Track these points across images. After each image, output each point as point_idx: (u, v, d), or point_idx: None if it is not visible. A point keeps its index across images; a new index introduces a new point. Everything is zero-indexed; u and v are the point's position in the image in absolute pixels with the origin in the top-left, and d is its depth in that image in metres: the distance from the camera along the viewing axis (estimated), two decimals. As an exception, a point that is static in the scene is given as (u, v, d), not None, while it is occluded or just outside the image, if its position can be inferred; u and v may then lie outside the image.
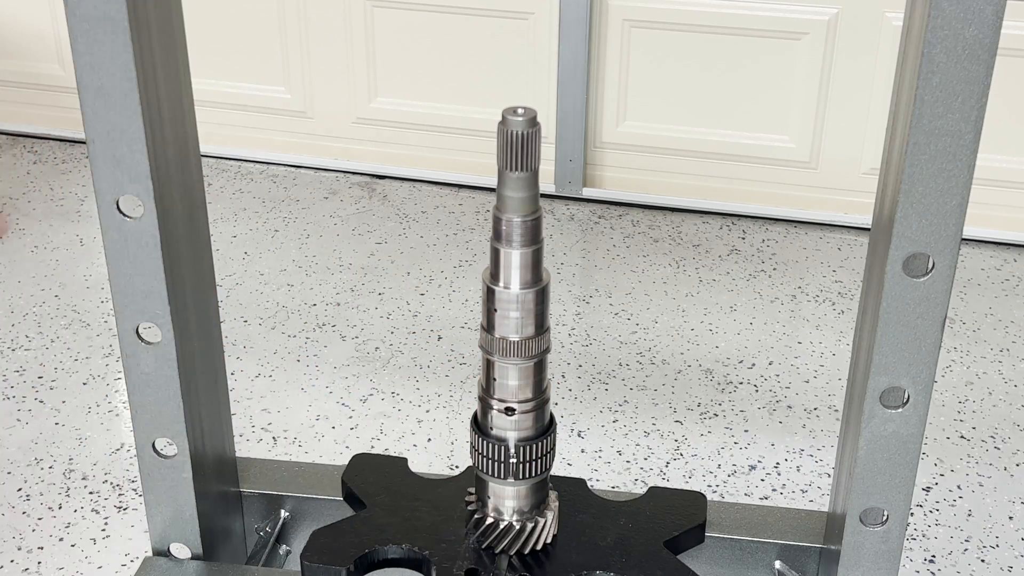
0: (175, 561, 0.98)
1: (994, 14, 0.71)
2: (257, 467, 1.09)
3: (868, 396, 0.86)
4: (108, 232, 0.84)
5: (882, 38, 3.11)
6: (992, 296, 3.02)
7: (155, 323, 0.87)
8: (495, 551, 0.91)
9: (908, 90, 0.77)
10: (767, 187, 3.37)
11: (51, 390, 2.55)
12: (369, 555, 0.91)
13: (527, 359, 0.85)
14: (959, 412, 2.54)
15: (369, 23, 3.46)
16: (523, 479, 0.89)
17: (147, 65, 0.79)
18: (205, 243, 0.93)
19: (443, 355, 2.72)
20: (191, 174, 0.88)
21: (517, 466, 0.88)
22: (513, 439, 0.88)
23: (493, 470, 0.89)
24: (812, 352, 2.76)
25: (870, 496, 0.90)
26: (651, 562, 0.91)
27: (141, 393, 0.91)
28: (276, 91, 3.61)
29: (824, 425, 2.49)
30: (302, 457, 2.37)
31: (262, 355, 2.70)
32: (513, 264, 0.82)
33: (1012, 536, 2.19)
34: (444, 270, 3.11)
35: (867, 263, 0.91)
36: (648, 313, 2.90)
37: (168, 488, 0.94)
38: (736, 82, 3.27)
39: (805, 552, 1.01)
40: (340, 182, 3.62)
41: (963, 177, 0.77)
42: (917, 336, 0.83)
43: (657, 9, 3.25)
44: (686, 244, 3.27)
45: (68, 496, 2.26)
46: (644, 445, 2.40)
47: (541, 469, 0.90)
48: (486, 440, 0.88)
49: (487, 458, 0.89)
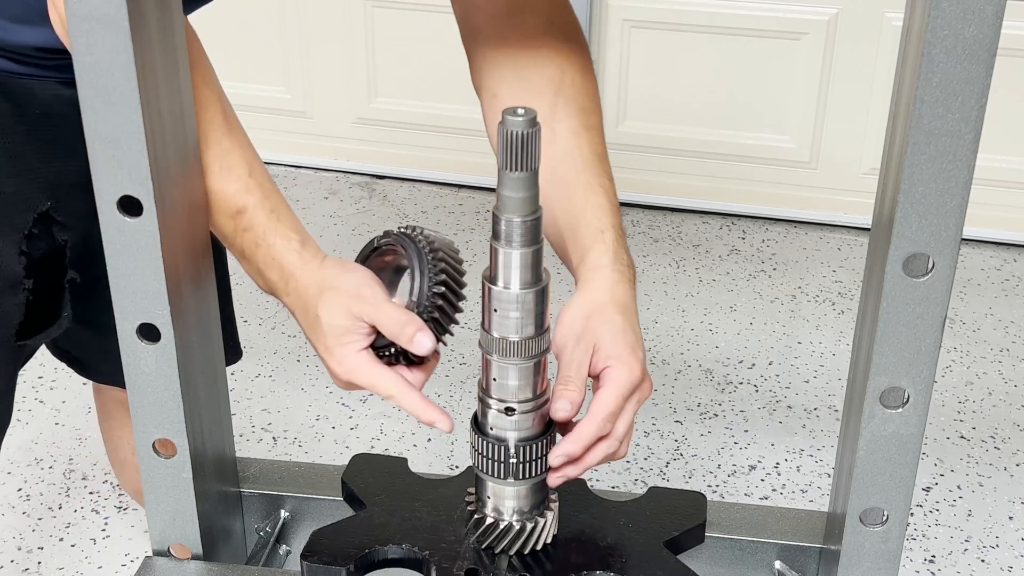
0: (175, 561, 0.98)
1: (994, 14, 0.71)
2: (257, 467, 1.09)
3: (868, 396, 0.86)
4: (108, 232, 0.84)
5: (882, 38, 3.11)
6: (992, 296, 3.02)
7: (155, 323, 0.87)
8: (495, 551, 0.91)
9: (908, 90, 0.77)
10: (767, 187, 3.37)
11: (51, 390, 2.55)
12: (369, 555, 0.91)
13: (527, 359, 0.85)
14: (959, 412, 2.54)
15: (369, 23, 3.46)
16: (523, 479, 0.89)
17: (147, 65, 0.79)
18: (205, 243, 0.93)
19: (443, 355, 2.72)
20: (191, 174, 0.88)
21: (517, 466, 0.88)
22: (513, 439, 0.88)
23: (493, 470, 0.89)
24: (812, 352, 2.76)
25: (870, 496, 0.90)
26: (651, 562, 0.91)
27: (141, 393, 0.91)
28: (276, 91, 3.60)
29: (824, 425, 2.49)
30: (302, 457, 2.37)
31: (262, 355, 2.70)
32: (513, 264, 0.82)
33: (1012, 536, 2.19)
34: (444, 270, 3.10)
35: (867, 263, 0.91)
36: (648, 313, 2.90)
37: (168, 488, 0.94)
38: (736, 82, 3.27)
39: (805, 552, 1.01)
40: (340, 182, 3.62)
41: (963, 177, 0.77)
42: (917, 336, 0.83)
43: (657, 9, 3.25)
44: (686, 244, 3.27)
45: (68, 496, 2.26)
46: (644, 445, 2.40)
47: (541, 469, 0.90)
48: (486, 440, 0.88)
49: (487, 458, 0.89)
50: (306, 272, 0.91)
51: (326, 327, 0.89)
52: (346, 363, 0.89)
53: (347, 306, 0.89)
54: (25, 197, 1.12)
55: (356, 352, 0.89)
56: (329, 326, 0.89)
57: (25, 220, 1.12)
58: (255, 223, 0.91)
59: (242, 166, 0.91)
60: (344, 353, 0.89)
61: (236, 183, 0.91)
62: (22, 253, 1.12)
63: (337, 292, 0.89)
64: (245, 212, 0.91)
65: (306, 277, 0.91)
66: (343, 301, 0.89)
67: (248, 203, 0.91)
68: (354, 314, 0.88)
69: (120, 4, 0.75)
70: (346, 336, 0.89)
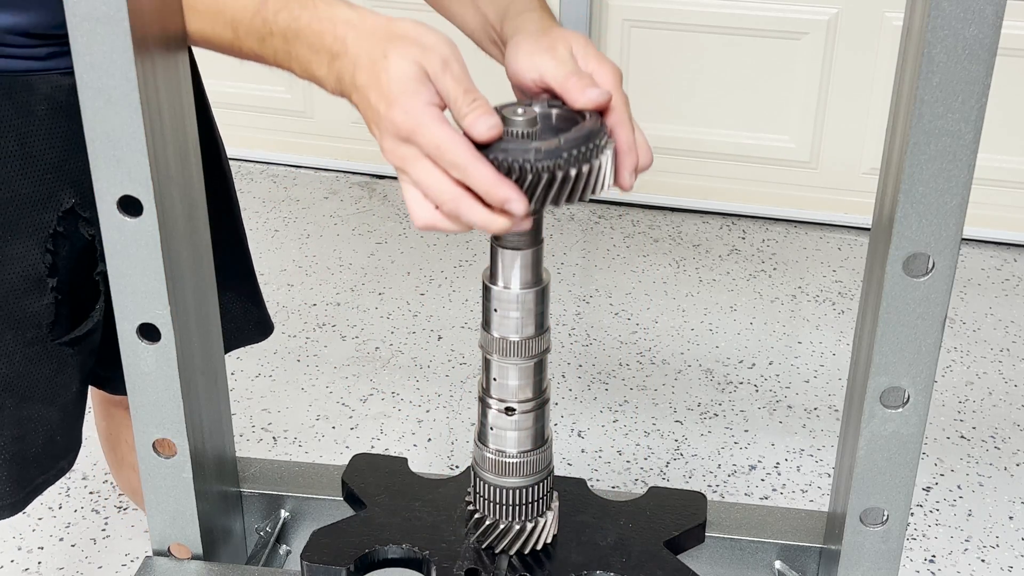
0: (175, 561, 0.98)
1: (994, 14, 0.71)
2: (257, 467, 1.09)
3: (868, 396, 0.86)
4: (108, 232, 0.84)
5: (882, 38, 3.11)
6: (992, 296, 3.02)
7: (155, 323, 0.87)
8: (495, 551, 0.91)
9: (908, 90, 0.77)
10: (767, 187, 3.37)
11: (51, 390, 2.55)
12: (369, 555, 0.91)
13: (527, 359, 0.85)
14: (959, 412, 2.54)
15: (369, 23, 3.46)
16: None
17: (147, 65, 0.79)
18: (205, 243, 0.93)
19: (443, 355, 2.72)
20: (191, 174, 0.88)
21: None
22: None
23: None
24: (812, 352, 2.76)
25: (870, 496, 0.90)
26: (651, 562, 0.91)
27: (141, 393, 0.91)
28: (276, 91, 3.61)
29: (824, 425, 2.49)
30: (302, 457, 2.37)
31: (262, 355, 2.70)
32: (513, 264, 0.82)
33: (1012, 536, 2.19)
34: (444, 270, 3.11)
35: (867, 263, 0.91)
36: (648, 313, 2.90)
37: (168, 488, 0.95)
38: (736, 82, 3.27)
39: (805, 552, 1.01)
40: (340, 182, 3.62)
41: (963, 177, 0.77)
42: (917, 336, 0.83)
43: (657, 9, 3.25)
44: (686, 244, 3.27)
45: (68, 496, 2.26)
46: (644, 445, 2.40)
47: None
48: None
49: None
50: (370, 22, 0.79)
51: (395, 70, 0.76)
52: (414, 113, 0.75)
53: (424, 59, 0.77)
54: (46, 196, 1.11)
55: (426, 104, 0.75)
56: (400, 69, 0.76)
57: (48, 219, 1.11)
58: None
59: None
60: (412, 102, 0.75)
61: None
62: (48, 251, 1.12)
63: (419, 45, 0.77)
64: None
65: (371, 25, 0.79)
66: (423, 54, 0.77)
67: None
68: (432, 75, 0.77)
69: (120, 4, 0.75)
70: (418, 84, 0.76)
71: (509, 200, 0.73)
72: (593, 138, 0.76)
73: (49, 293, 1.13)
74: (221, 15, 0.84)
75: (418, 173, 0.75)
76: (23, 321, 1.13)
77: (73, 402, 1.22)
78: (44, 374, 1.17)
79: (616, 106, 0.81)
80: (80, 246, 1.15)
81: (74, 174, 1.12)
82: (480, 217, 0.74)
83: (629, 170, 0.81)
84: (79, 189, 1.13)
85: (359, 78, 0.78)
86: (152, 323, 0.87)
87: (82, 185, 1.12)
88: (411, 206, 0.77)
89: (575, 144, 0.74)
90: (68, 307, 1.16)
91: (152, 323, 0.87)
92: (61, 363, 1.18)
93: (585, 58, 0.85)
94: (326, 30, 0.80)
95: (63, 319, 1.16)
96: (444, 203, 0.75)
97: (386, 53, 0.77)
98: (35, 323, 1.13)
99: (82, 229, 1.15)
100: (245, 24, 0.83)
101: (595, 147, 0.76)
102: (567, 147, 0.74)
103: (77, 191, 1.13)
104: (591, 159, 0.75)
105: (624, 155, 0.81)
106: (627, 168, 0.81)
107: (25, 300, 1.12)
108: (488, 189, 0.73)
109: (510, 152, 0.73)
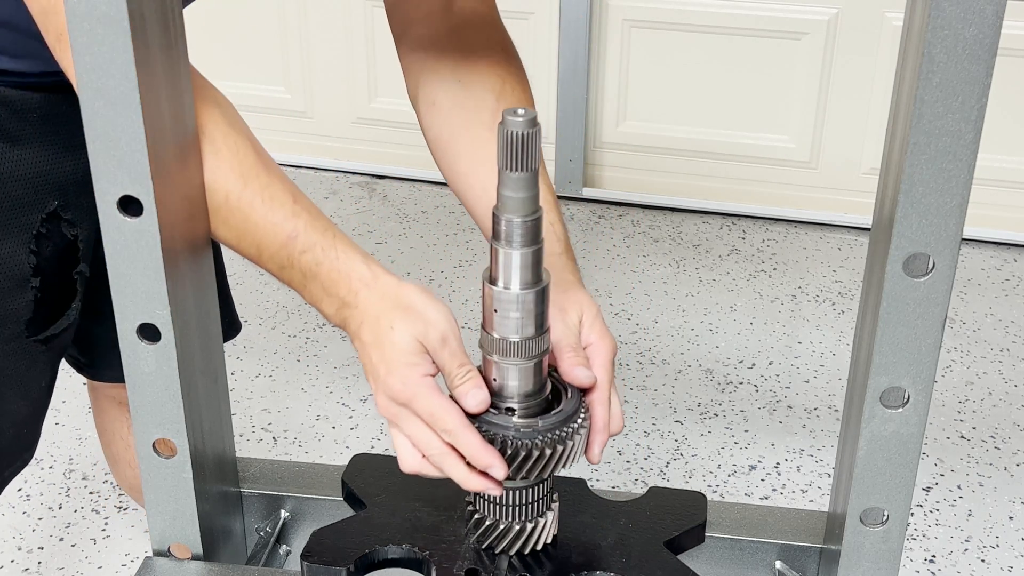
0: (175, 561, 0.98)
1: (994, 14, 0.71)
2: (257, 467, 1.09)
3: (868, 396, 0.86)
4: (108, 232, 0.84)
5: (882, 38, 3.11)
6: (992, 296, 3.02)
7: (155, 323, 0.87)
8: (495, 551, 0.91)
9: (908, 90, 0.77)
10: (767, 187, 3.37)
11: (51, 390, 2.55)
12: (369, 555, 0.91)
13: (527, 359, 0.85)
14: (959, 412, 2.54)
15: (369, 23, 3.46)
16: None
17: (147, 65, 0.79)
18: (205, 243, 0.93)
19: (443, 355, 2.72)
20: (191, 174, 0.88)
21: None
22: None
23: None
24: (812, 352, 2.76)
25: (870, 496, 0.90)
26: (651, 562, 0.91)
27: (141, 393, 0.91)
28: (276, 91, 3.61)
29: (824, 425, 2.49)
30: (302, 457, 2.37)
31: (262, 355, 2.70)
32: (513, 264, 0.82)
33: (1012, 536, 2.19)
34: (444, 270, 3.11)
35: (867, 263, 0.91)
36: (648, 313, 2.90)
37: (168, 488, 0.94)
38: (736, 82, 3.27)
39: (805, 552, 1.01)
40: (340, 182, 3.62)
41: (963, 177, 0.77)
42: (917, 336, 0.83)
43: (657, 9, 3.25)
44: (686, 244, 3.27)
45: (68, 496, 2.26)
46: (644, 445, 2.40)
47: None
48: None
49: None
50: (382, 283, 0.88)
51: (398, 342, 0.85)
52: (410, 384, 0.84)
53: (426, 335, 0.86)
54: (34, 199, 1.14)
55: (422, 376, 0.85)
56: (403, 342, 0.85)
57: (33, 220, 1.14)
58: (311, 243, 0.89)
59: (286, 195, 0.92)
60: (410, 374, 0.85)
61: (282, 210, 0.90)
62: (32, 252, 1.14)
63: (423, 320, 0.86)
64: (298, 236, 0.89)
65: (382, 288, 0.88)
66: (425, 330, 0.86)
67: (299, 226, 0.90)
68: (431, 349, 0.85)
69: (120, 4, 0.75)
70: (417, 357, 0.85)
71: (492, 466, 0.83)
72: (569, 421, 0.86)
73: (30, 292, 1.15)
74: (250, 235, 0.91)
75: (410, 429, 0.86)
76: (4, 319, 1.15)
77: (42, 397, 1.25)
78: (18, 369, 1.19)
79: (600, 384, 0.90)
80: (62, 246, 1.18)
81: (59, 177, 1.15)
82: (462, 475, 0.84)
83: (600, 446, 0.90)
84: (63, 192, 1.15)
85: (364, 334, 0.88)
86: (152, 323, 0.87)
87: (65, 188, 1.15)
88: (400, 452, 0.87)
89: (551, 427, 0.85)
90: (47, 306, 1.18)
91: (152, 323, 0.87)
92: (34, 359, 1.20)
93: (590, 328, 0.94)
94: (342, 281, 0.89)
95: (40, 317, 1.18)
96: (431, 456, 0.85)
97: (392, 324, 0.86)
98: (14, 320, 1.15)
99: (64, 229, 1.17)
100: (270, 252, 0.90)
101: (569, 431, 0.85)
102: (544, 429, 0.84)
103: (61, 194, 1.15)
104: (565, 440, 0.85)
105: (596, 433, 0.89)
106: (598, 444, 0.90)
107: (8, 299, 1.14)
108: (474, 454, 0.83)
109: (492, 427, 0.84)
